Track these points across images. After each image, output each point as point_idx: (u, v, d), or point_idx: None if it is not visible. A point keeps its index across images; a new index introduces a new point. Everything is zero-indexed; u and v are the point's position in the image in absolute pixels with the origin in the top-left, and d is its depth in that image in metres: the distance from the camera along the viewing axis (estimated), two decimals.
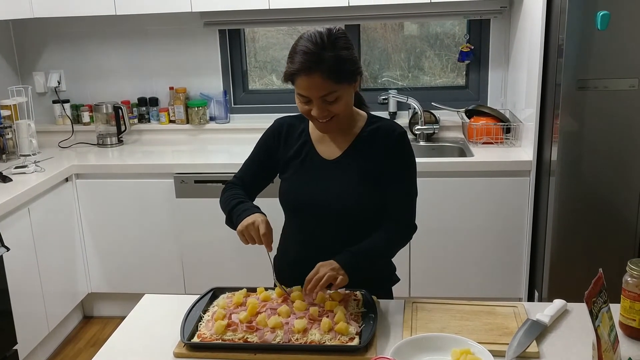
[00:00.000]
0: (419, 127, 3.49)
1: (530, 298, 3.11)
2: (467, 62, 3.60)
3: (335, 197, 1.71)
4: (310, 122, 1.77)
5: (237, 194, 1.79)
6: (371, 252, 1.66)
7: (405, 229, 1.74)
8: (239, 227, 1.65)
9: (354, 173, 1.71)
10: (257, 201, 1.82)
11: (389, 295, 1.86)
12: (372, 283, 1.73)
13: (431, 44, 3.78)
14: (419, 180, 3.11)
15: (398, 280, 1.91)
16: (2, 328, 2.67)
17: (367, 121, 1.77)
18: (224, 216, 1.80)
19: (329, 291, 1.65)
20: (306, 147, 1.78)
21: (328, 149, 1.76)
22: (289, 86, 1.68)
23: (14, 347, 2.73)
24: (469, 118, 3.41)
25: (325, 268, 1.57)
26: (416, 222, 1.77)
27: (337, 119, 1.65)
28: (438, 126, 3.52)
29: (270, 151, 1.83)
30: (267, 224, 1.63)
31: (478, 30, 3.58)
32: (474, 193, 3.06)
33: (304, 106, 1.64)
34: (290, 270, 1.76)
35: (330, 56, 1.56)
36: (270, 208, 1.82)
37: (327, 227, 1.73)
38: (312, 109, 1.62)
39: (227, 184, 1.86)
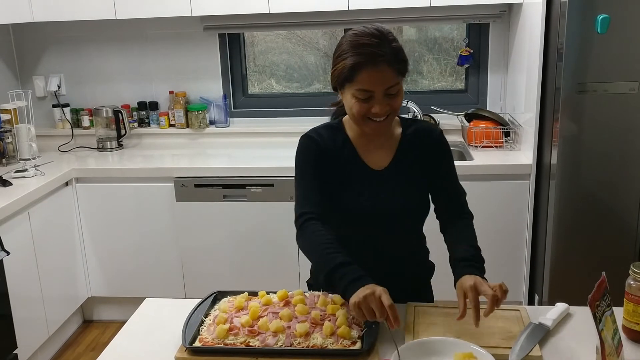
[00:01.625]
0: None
1: (531, 301, 3.11)
2: (466, 66, 3.60)
3: (388, 208, 1.69)
4: (348, 131, 1.71)
5: (329, 244, 1.56)
6: (480, 250, 1.73)
7: (470, 220, 1.82)
8: (355, 298, 1.42)
9: (404, 179, 1.71)
10: (266, 204, 1.81)
11: (430, 291, 1.95)
12: (419, 281, 1.82)
13: (430, 48, 3.79)
14: None
15: (434, 266, 1.96)
16: (2, 332, 2.67)
17: (402, 124, 1.76)
18: (227, 220, 1.77)
19: (330, 295, 1.65)
20: (353, 158, 1.71)
21: (375, 158, 1.72)
22: (288, 90, 1.65)
23: (14, 352, 2.73)
24: (469, 122, 3.42)
25: (484, 286, 1.53)
26: None
27: (392, 116, 1.62)
28: None
29: (323, 168, 1.69)
30: (388, 294, 1.42)
31: (477, 34, 3.58)
32: (473, 197, 3.01)
33: (362, 105, 1.56)
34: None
35: (391, 47, 1.55)
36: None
37: (379, 235, 1.72)
38: (373, 106, 1.56)
39: (304, 219, 1.64)
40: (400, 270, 1.77)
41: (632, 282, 1.47)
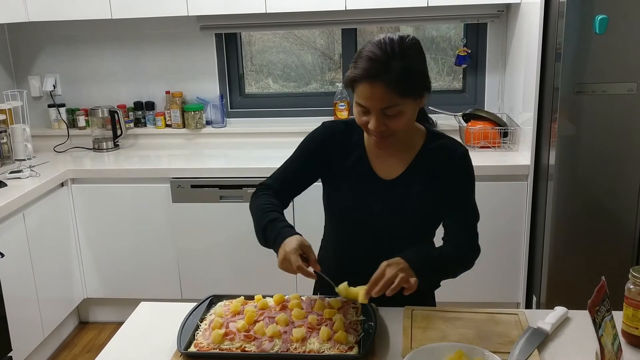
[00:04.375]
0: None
1: (529, 303, 3.10)
2: (464, 66, 3.59)
3: (393, 219, 1.65)
4: (365, 133, 1.66)
5: (267, 204, 1.66)
6: (438, 260, 1.59)
7: (473, 254, 1.66)
8: (278, 264, 1.53)
9: (414, 193, 1.63)
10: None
11: (433, 301, 1.85)
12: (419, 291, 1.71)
13: (427, 47, 3.78)
14: None
15: (438, 285, 1.86)
16: None
17: (427, 138, 1.67)
18: (223, 221, 1.77)
19: (327, 299, 1.64)
20: (362, 163, 1.68)
21: (387, 167, 1.67)
22: (285, 90, 1.65)
23: (9, 354, 2.71)
24: (466, 122, 3.40)
25: (392, 269, 1.45)
26: None
27: (394, 137, 1.55)
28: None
29: (319, 156, 1.71)
30: (296, 251, 1.50)
31: (475, 34, 3.57)
32: None
33: (362, 117, 1.53)
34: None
35: (398, 66, 1.45)
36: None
37: (381, 244, 1.66)
38: (370, 121, 1.51)
39: (259, 187, 1.75)
40: None
41: (631, 287, 1.45)
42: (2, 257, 2.62)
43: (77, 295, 3.37)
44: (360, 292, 1.53)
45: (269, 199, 1.69)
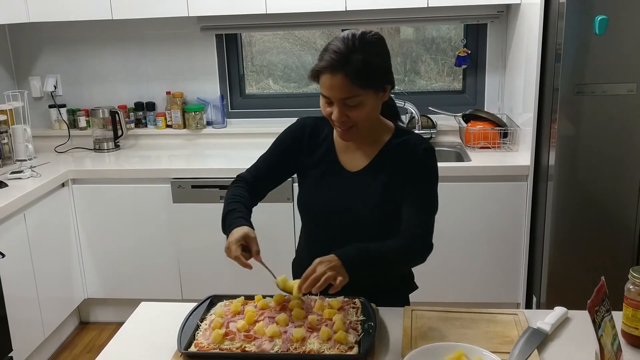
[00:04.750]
0: (416, 131, 3.48)
1: (529, 303, 3.10)
2: (464, 66, 3.59)
3: (355, 210, 1.68)
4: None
5: (236, 196, 1.75)
6: (378, 255, 1.57)
7: (418, 244, 1.65)
8: (225, 252, 1.63)
9: (378, 186, 1.67)
10: (263, 206, 1.80)
11: (406, 302, 1.84)
12: (387, 291, 1.72)
13: (427, 48, 3.78)
14: None
15: (416, 287, 1.88)
16: None
17: (394, 133, 1.72)
18: (220, 222, 1.78)
19: (327, 299, 1.64)
20: (329, 155, 1.74)
21: (352, 160, 1.72)
22: (286, 90, 1.66)
23: (10, 354, 2.71)
24: (466, 123, 3.41)
25: (323, 266, 1.47)
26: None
27: (356, 128, 1.61)
28: (435, 131, 3.51)
29: (290, 150, 1.79)
30: (238, 241, 1.59)
31: (475, 35, 3.58)
32: (471, 198, 3.05)
33: (326, 108, 1.61)
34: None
35: (358, 58, 1.53)
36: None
37: (346, 238, 1.66)
38: (333, 112, 1.59)
39: (235, 179, 1.83)
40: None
41: (631, 287, 1.45)
42: (2, 257, 2.62)
43: (78, 296, 3.38)
44: (295, 286, 1.56)
45: (239, 190, 1.77)
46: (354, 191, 1.70)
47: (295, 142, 1.78)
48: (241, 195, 1.76)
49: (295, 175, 1.86)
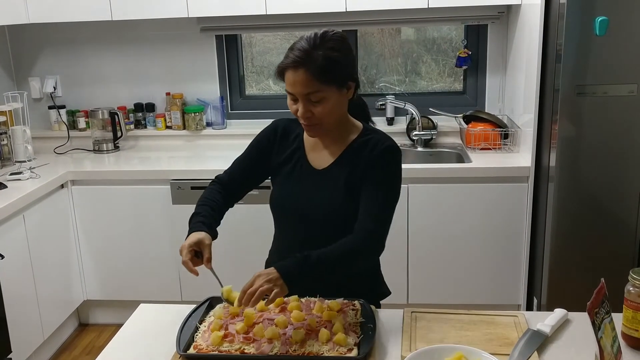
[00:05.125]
0: (416, 132, 3.48)
1: (529, 305, 3.09)
2: (464, 67, 3.59)
3: (321, 207, 1.71)
4: None
5: (206, 199, 1.80)
6: (320, 261, 1.54)
7: (369, 242, 1.62)
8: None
9: (341, 183, 1.70)
10: (263, 207, 1.81)
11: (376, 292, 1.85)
12: (354, 296, 1.70)
13: (428, 48, 3.78)
14: (416, 185, 3.08)
15: (388, 293, 1.88)
16: None
17: (361, 132, 1.75)
18: (223, 223, 1.82)
19: (327, 301, 1.63)
20: (298, 153, 1.78)
21: (319, 158, 1.76)
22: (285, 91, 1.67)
23: (9, 356, 2.71)
24: (467, 124, 3.40)
25: (260, 280, 1.48)
26: (413, 227, 1.74)
27: (320, 126, 1.65)
28: (436, 132, 3.51)
29: (263, 151, 1.83)
30: (190, 246, 1.62)
31: (475, 36, 3.57)
32: (472, 199, 3.05)
33: (292, 105, 1.65)
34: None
35: (319, 55, 1.58)
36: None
37: (314, 236, 1.70)
38: (298, 108, 1.63)
39: (212, 180, 1.88)
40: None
41: (631, 289, 1.45)
42: (2, 258, 2.62)
43: (77, 297, 3.37)
44: (236, 299, 1.54)
45: (212, 193, 1.83)
46: (319, 188, 1.73)
47: (269, 143, 1.83)
48: (211, 199, 1.80)
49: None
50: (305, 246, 1.60)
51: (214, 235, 1.71)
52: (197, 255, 1.64)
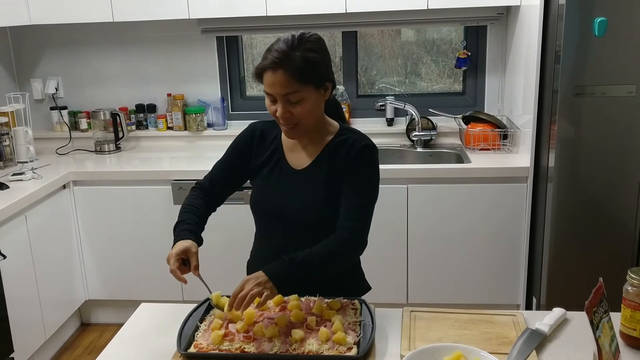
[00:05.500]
0: (416, 133, 3.49)
1: (528, 304, 3.10)
2: (464, 68, 3.60)
3: (300, 207, 1.73)
4: None
5: (189, 205, 1.81)
6: (305, 262, 1.57)
7: (352, 240, 1.65)
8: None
9: (320, 183, 1.72)
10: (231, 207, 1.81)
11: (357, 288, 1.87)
12: (336, 293, 1.71)
13: (428, 49, 3.79)
14: (416, 186, 3.09)
15: (369, 289, 1.90)
16: None
17: (337, 132, 1.77)
18: (224, 223, 1.82)
19: (326, 300, 1.64)
20: (277, 154, 1.80)
21: (298, 159, 1.77)
22: None
23: (11, 355, 2.72)
24: (466, 124, 3.41)
25: (250, 284, 1.51)
26: (413, 227, 1.75)
27: (300, 126, 1.67)
28: (435, 132, 3.52)
29: (242, 155, 1.85)
30: (177, 254, 1.66)
31: (475, 37, 3.58)
32: (471, 199, 3.06)
33: (271, 106, 1.66)
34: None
35: (297, 55, 1.59)
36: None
37: (294, 236, 1.72)
38: (277, 109, 1.64)
39: (194, 186, 1.90)
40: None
41: (629, 288, 1.46)
42: (4, 258, 2.63)
43: (79, 297, 3.38)
44: (226, 304, 1.56)
45: (194, 199, 1.84)
46: (298, 189, 1.74)
47: (247, 146, 1.84)
48: (195, 205, 1.82)
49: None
50: (287, 246, 1.63)
51: (199, 242, 1.74)
52: (185, 263, 1.67)
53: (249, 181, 1.88)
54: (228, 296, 1.61)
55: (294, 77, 1.59)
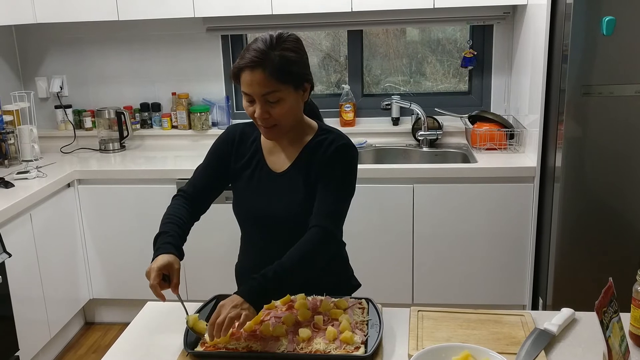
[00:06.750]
0: (422, 132, 3.48)
1: (535, 305, 3.09)
2: (470, 67, 3.59)
3: (282, 210, 1.72)
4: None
5: (171, 215, 1.76)
6: (280, 272, 1.54)
7: (323, 239, 1.63)
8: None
9: (300, 185, 1.71)
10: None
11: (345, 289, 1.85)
12: (328, 291, 1.71)
13: (433, 49, 3.78)
14: (422, 185, 3.08)
15: (358, 286, 1.89)
16: (3, 334, 2.66)
17: (316, 132, 1.76)
18: (229, 222, 1.82)
19: (333, 299, 1.63)
20: (257, 157, 1.78)
21: (277, 161, 1.76)
22: None
23: (16, 354, 2.72)
24: (472, 124, 3.40)
25: (226, 309, 1.47)
26: (419, 227, 1.73)
27: (279, 127, 1.65)
28: (441, 132, 3.51)
29: (222, 158, 1.82)
30: (158, 269, 1.61)
31: (481, 36, 3.57)
32: (477, 199, 3.05)
33: (249, 107, 1.63)
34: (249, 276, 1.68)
35: (275, 55, 1.58)
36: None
37: (278, 238, 1.72)
38: (255, 110, 1.61)
39: (177, 193, 1.85)
40: None
41: (639, 288, 1.45)
42: (9, 257, 2.63)
43: (83, 296, 3.38)
44: (203, 328, 1.54)
45: (177, 209, 1.78)
46: (280, 192, 1.73)
47: (227, 149, 1.81)
48: (177, 215, 1.76)
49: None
50: (271, 249, 1.64)
51: (181, 256, 1.68)
52: (165, 279, 1.62)
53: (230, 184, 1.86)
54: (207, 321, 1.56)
55: (272, 76, 1.57)
